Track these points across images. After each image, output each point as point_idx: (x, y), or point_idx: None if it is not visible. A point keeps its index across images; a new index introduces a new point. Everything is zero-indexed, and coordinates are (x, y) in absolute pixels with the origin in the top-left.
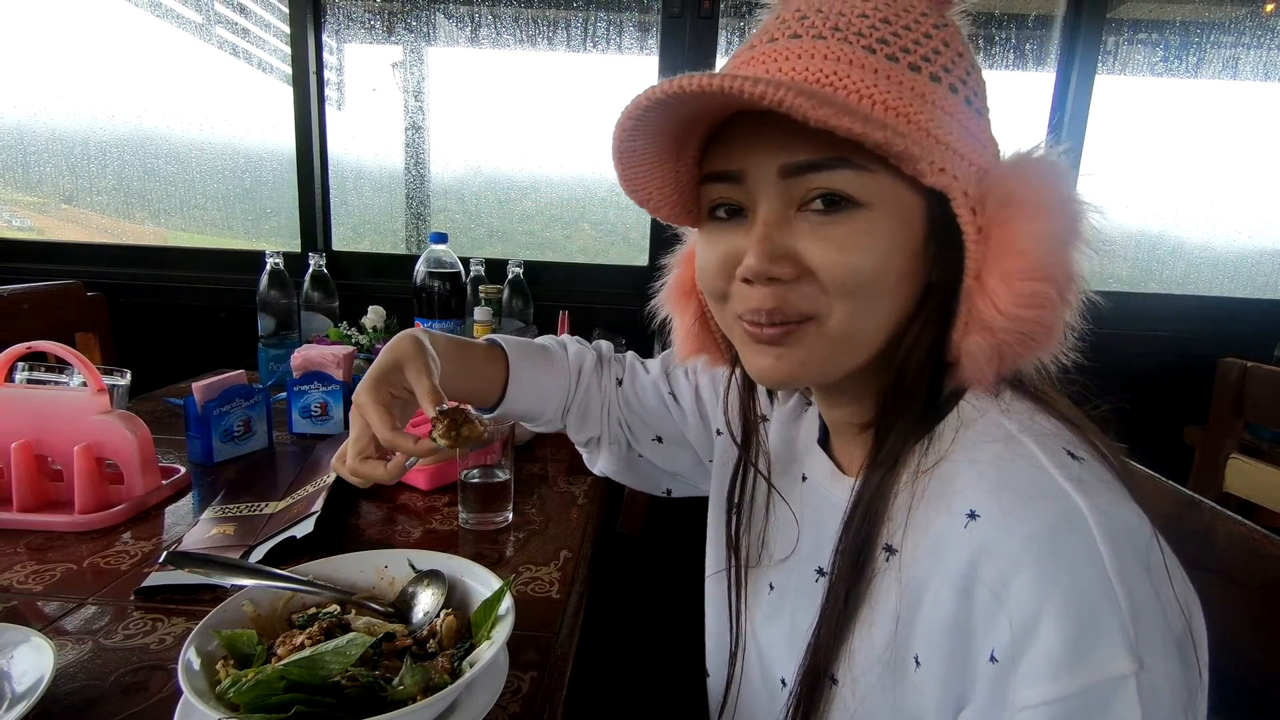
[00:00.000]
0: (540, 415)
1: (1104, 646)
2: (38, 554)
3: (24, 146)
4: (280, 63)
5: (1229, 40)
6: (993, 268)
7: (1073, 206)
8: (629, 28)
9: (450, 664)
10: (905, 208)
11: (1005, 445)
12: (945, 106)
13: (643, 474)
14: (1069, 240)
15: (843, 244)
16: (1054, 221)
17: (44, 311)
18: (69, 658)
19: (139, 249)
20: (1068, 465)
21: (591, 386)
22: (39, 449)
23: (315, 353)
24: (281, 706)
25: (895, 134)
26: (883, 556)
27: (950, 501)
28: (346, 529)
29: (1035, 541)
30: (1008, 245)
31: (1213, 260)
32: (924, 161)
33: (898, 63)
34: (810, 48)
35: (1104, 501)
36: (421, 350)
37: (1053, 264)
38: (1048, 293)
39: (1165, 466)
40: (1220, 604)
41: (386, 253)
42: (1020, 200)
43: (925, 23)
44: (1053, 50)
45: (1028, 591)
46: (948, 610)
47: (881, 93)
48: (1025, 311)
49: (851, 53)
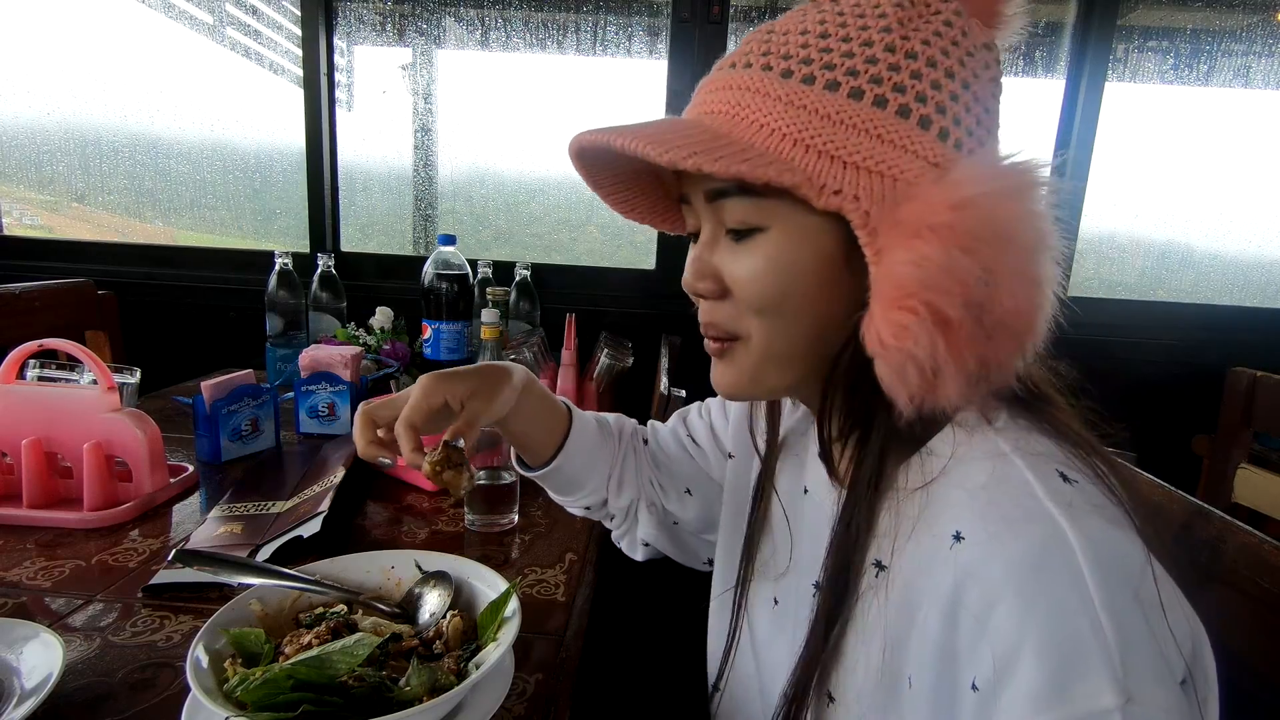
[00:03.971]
0: (586, 482)
1: (1088, 680)
2: (47, 550)
3: (36, 146)
4: (291, 64)
5: (1240, 48)
6: (875, 294)
7: (972, 223)
8: (638, 32)
9: (456, 665)
10: (806, 229)
11: (996, 465)
12: (866, 124)
13: (682, 543)
14: (956, 264)
15: (749, 266)
16: (934, 244)
17: (55, 309)
18: (77, 654)
19: (149, 248)
20: (1058, 489)
21: (629, 449)
22: (49, 446)
23: (323, 353)
24: (289, 705)
25: (763, 164)
26: (872, 572)
27: (938, 521)
28: (353, 529)
29: (1018, 568)
30: (885, 270)
31: (1222, 269)
32: (809, 186)
33: (813, 84)
34: (736, 78)
35: (1093, 527)
36: (514, 384)
37: (929, 291)
38: (908, 323)
39: (1173, 476)
40: (1230, 615)
41: (394, 254)
42: (906, 220)
43: (878, 43)
44: (1063, 57)
45: (1009, 622)
46: (935, 632)
47: (776, 119)
48: (893, 342)
49: (765, 81)
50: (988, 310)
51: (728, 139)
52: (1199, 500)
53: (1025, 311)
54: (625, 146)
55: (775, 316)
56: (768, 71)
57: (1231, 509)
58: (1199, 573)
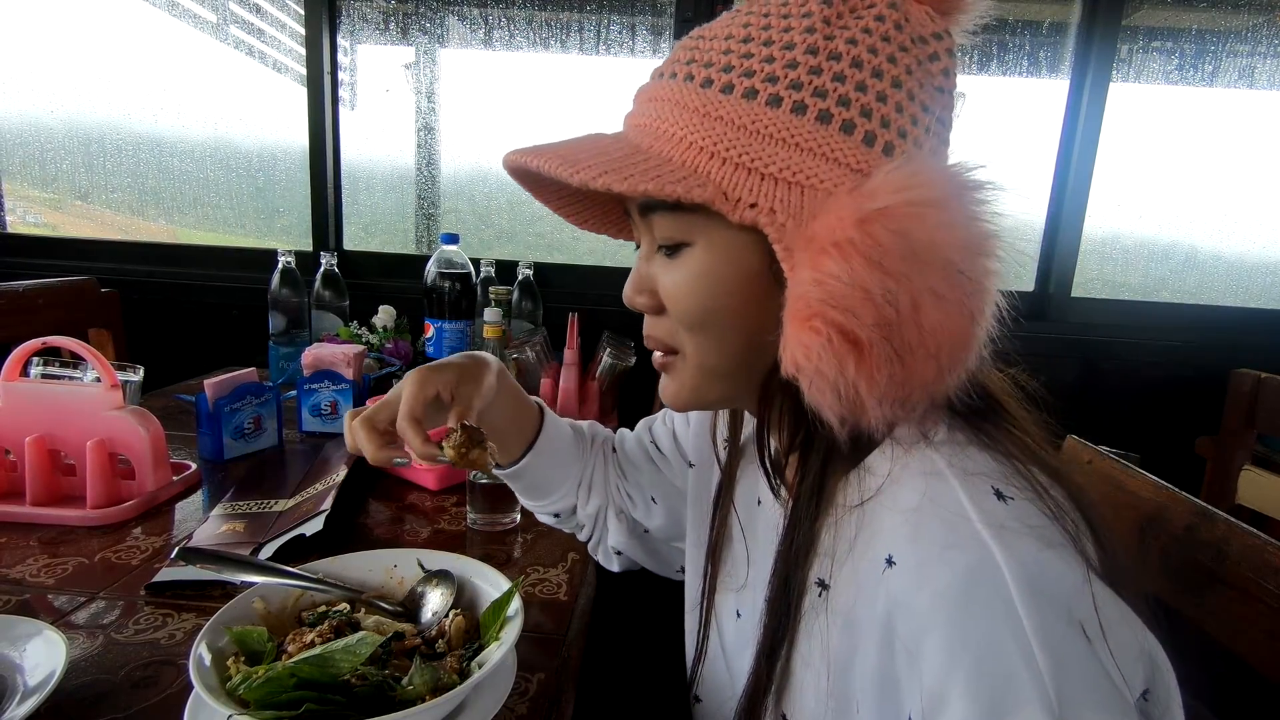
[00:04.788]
0: (556, 486)
1: (1020, 712)
2: (50, 548)
3: (40, 143)
4: (295, 63)
5: (1245, 49)
6: (786, 312)
7: (882, 236)
8: (642, 31)
9: (459, 664)
10: (729, 244)
11: (929, 485)
12: (783, 133)
13: (652, 550)
14: (862, 281)
15: (676, 281)
16: (838, 259)
17: (58, 307)
18: (80, 651)
19: (153, 246)
20: (991, 509)
21: (599, 455)
22: (52, 443)
23: (326, 351)
24: (292, 704)
25: (673, 180)
26: (815, 591)
27: (872, 543)
28: (355, 528)
29: (945, 599)
30: (793, 287)
31: (1226, 270)
32: (723, 201)
33: (731, 92)
34: (661, 89)
35: (1025, 551)
36: (495, 372)
37: (834, 310)
38: (812, 344)
39: (1176, 477)
40: (1233, 617)
41: (397, 252)
42: (816, 233)
43: (799, 46)
44: (1067, 57)
45: (938, 656)
46: (875, 659)
47: (694, 131)
48: (804, 363)
49: (685, 92)
50: (898, 332)
51: (645, 154)
52: (1202, 502)
53: (947, 333)
54: (540, 167)
55: (704, 332)
56: (689, 81)
57: (1235, 511)
58: (1203, 574)
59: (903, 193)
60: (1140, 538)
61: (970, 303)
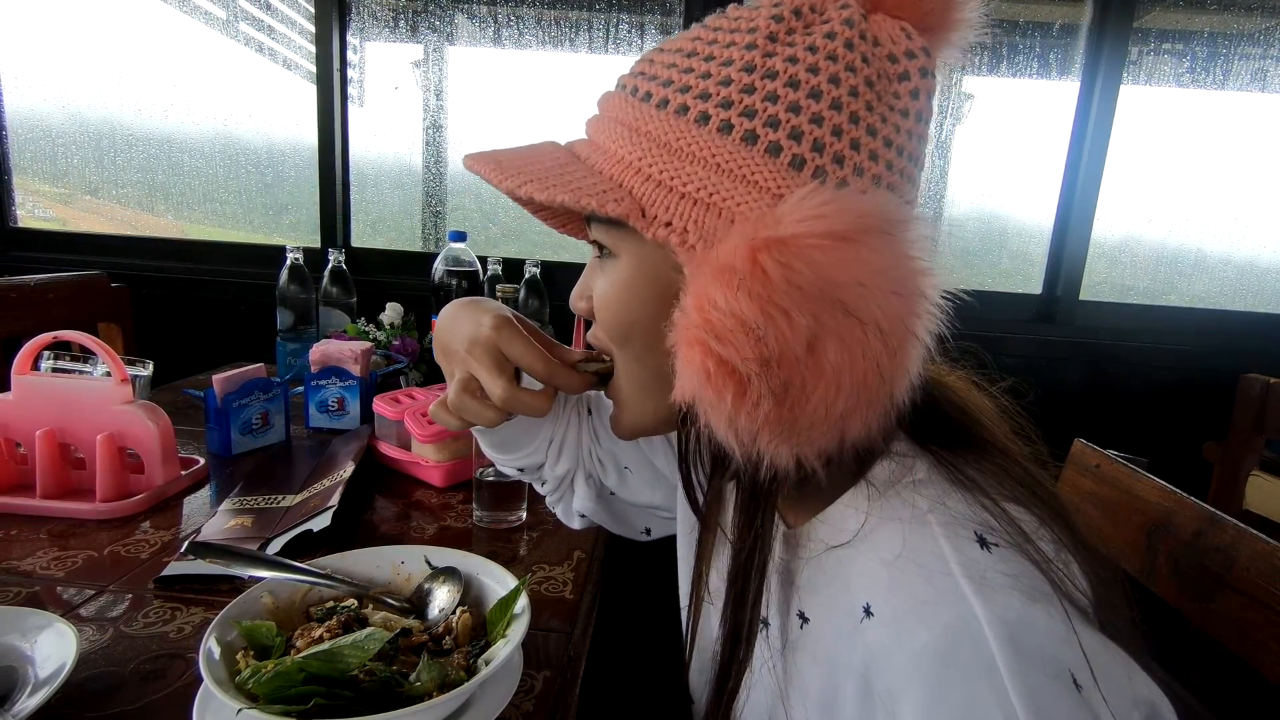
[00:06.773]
0: (527, 442)
1: None
2: (60, 540)
3: (51, 139)
4: (304, 60)
5: (1257, 51)
6: (674, 334)
7: (774, 269)
8: (650, 30)
9: (466, 661)
10: (648, 260)
11: (910, 532)
12: (705, 153)
13: (618, 513)
14: (745, 314)
15: (602, 290)
16: (725, 288)
17: (69, 302)
18: (89, 644)
19: (162, 242)
20: (973, 559)
21: (573, 415)
22: (62, 437)
23: (333, 348)
24: (300, 698)
25: (591, 193)
26: (797, 624)
27: (849, 588)
28: (362, 524)
29: (924, 659)
30: (680, 311)
31: (1236, 274)
32: (638, 217)
33: (665, 109)
34: (609, 101)
35: (1007, 605)
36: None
37: (715, 340)
38: (686, 372)
39: (1184, 482)
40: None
41: (404, 250)
42: (716, 258)
43: (736, 63)
44: (1077, 59)
45: (917, 717)
46: (855, 708)
47: (625, 146)
48: (688, 389)
49: (626, 107)
50: (781, 370)
51: (578, 166)
52: (1210, 507)
53: (851, 379)
54: (478, 172)
55: (625, 344)
56: (633, 95)
57: (1242, 516)
58: (1211, 579)
59: (807, 223)
60: (1148, 542)
61: (879, 351)
